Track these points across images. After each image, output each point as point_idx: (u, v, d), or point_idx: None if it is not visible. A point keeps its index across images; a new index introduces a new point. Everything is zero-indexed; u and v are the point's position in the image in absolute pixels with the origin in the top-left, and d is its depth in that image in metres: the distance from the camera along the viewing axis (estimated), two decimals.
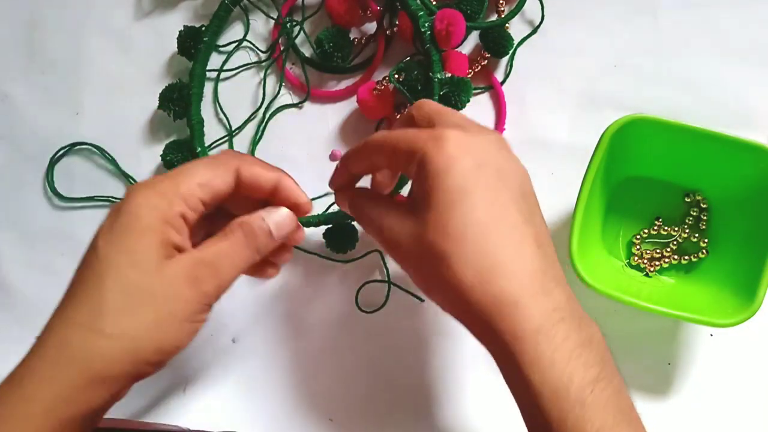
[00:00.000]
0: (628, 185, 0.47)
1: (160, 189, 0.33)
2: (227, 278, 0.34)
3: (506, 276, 0.31)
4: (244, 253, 0.35)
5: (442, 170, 0.32)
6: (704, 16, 0.49)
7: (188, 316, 0.33)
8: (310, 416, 0.48)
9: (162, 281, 0.32)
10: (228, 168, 0.35)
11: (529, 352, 0.30)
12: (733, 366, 0.46)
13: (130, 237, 0.32)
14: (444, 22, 0.45)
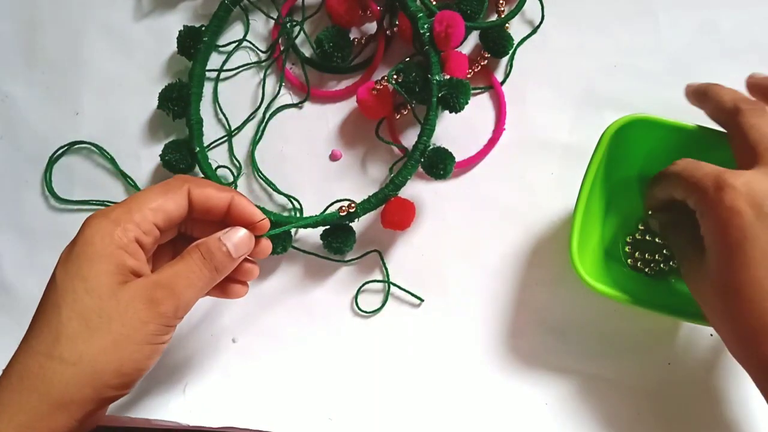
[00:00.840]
0: (628, 185, 0.47)
1: (113, 216, 0.34)
2: (185, 299, 0.35)
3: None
4: (202, 273, 0.36)
5: (720, 224, 0.33)
6: (704, 16, 0.49)
7: (147, 338, 0.34)
8: (309, 415, 0.48)
9: (118, 305, 0.33)
10: (179, 191, 0.37)
11: None
12: (733, 366, 0.46)
13: (85, 264, 0.33)
14: (443, 23, 0.45)
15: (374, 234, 0.49)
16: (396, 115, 0.50)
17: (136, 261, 0.35)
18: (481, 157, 0.49)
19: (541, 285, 0.48)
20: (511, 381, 0.47)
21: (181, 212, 0.37)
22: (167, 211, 0.36)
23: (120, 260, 0.34)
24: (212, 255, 0.36)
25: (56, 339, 0.32)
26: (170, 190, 0.37)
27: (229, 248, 0.37)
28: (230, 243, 0.37)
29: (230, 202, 0.38)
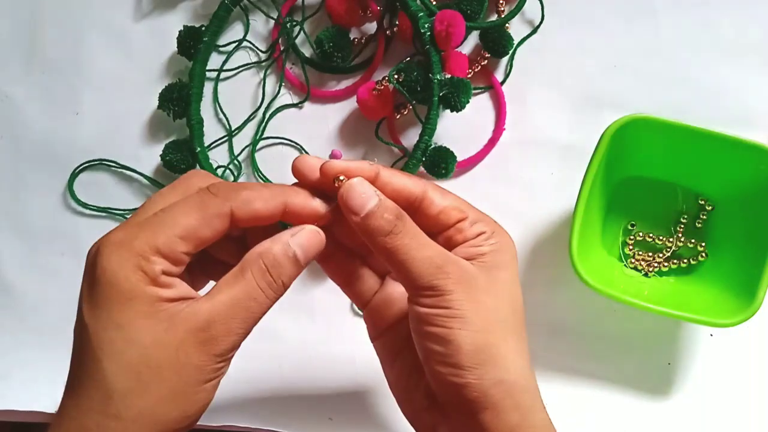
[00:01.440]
0: (628, 185, 0.47)
1: (136, 247, 0.28)
2: (243, 332, 0.30)
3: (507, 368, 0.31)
4: (266, 293, 0.30)
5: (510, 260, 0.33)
6: (704, 16, 0.49)
7: (205, 378, 0.29)
8: (309, 415, 0.48)
9: (167, 353, 0.28)
10: (220, 214, 0.29)
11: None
12: (733, 366, 0.46)
13: (114, 309, 0.28)
14: (444, 23, 0.45)
15: None
16: (396, 115, 0.50)
17: (173, 289, 0.29)
18: (481, 157, 0.49)
19: (541, 285, 0.48)
20: None
21: (217, 237, 0.30)
22: (201, 239, 0.29)
23: (155, 297, 0.28)
24: (279, 266, 0.30)
25: (107, 396, 0.28)
26: (208, 211, 0.29)
27: (298, 254, 0.30)
28: (298, 246, 0.30)
29: (284, 207, 0.31)
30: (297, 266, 0.31)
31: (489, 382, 0.30)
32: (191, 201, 0.30)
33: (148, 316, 0.28)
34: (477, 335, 0.30)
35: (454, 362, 0.30)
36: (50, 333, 0.51)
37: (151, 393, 0.28)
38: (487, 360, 0.30)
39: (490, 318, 0.31)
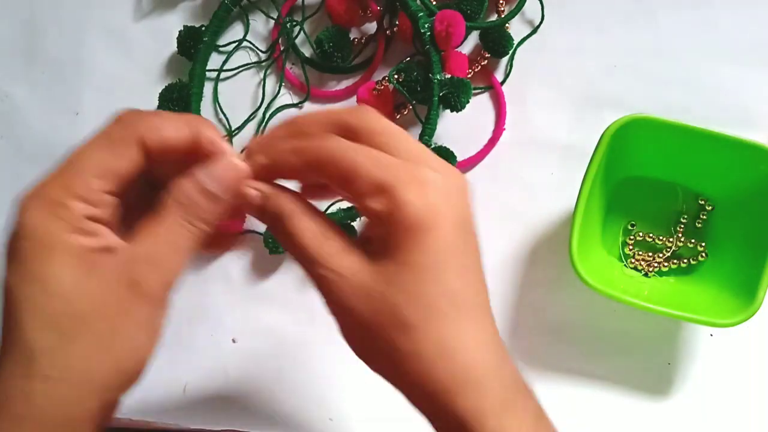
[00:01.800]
0: (628, 185, 0.47)
1: (51, 195, 0.27)
2: (173, 268, 0.28)
3: (470, 351, 0.28)
4: (186, 231, 0.28)
5: (425, 226, 0.27)
6: (704, 16, 0.49)
7: (137, 327, 0.28)
8: (310, 416, 0.48)
9: (92, 302, 0.26)
10: (128, 141, 0.28)
11: (495, 430, 0.27)
12: (733, 366, 0.46)
13: (34, 262, 0.26)
14: (444, 23, 0.45)
15: None
16: (396, 116, 0.50)
17: (98, 238, 0.27)
18: (481, 158, 0.49)
19: (541, 285, 0.48)
20: None
21: (137, 167, 0.28)
22: (118, 173, 0.28)
23: (76, 246, 0.26)
24: (195, 204, 0.28)
25: (30, 357, 0.26)
26: (115, 143, 0.28)
27: (214, 188, 0.28)
28: (214, 181, 0.28)
29: (195, 139, 0.29)
30: (215, 201, 0.28)
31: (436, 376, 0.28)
32: (99, 136, 0.29)
33: (69, 266, 0.26)
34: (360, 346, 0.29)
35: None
36: None
37: (77, 346, 0.26)
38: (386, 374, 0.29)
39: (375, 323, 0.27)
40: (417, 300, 0.27)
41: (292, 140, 0.29)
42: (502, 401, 0.28)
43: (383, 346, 0.28)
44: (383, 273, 0.27)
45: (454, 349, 0.27)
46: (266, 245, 0.48)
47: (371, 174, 0.27)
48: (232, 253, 0.50)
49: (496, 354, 0.29)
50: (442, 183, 0.27)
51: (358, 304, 0.27)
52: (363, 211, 0.28)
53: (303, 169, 0.29)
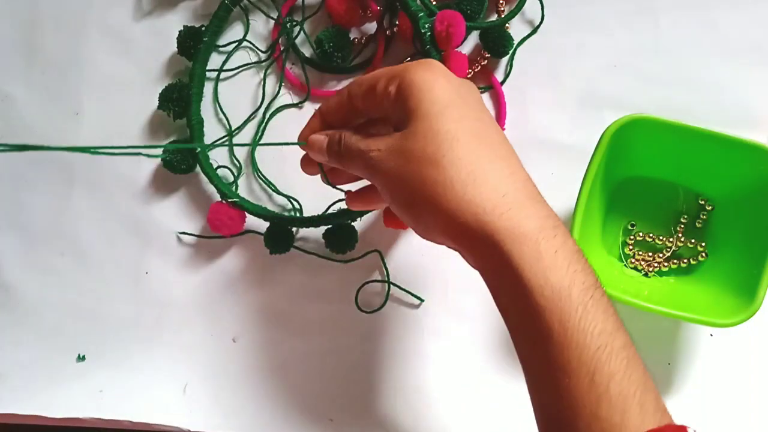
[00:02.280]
0: (628, 185, 0.47)
1: None
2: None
3: (501, 178, 0.31)
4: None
5: (427, 85, 0.32)
6: (704, 16, 0.49)
7: None
8: (310, 416, 0.48)
9: None
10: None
11: (530, 253, 0.29)
12: (733, 366, 0.46)
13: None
14: (444, 23, 0.45)
15: (375, 234, 0.49)
16: None
17: None
18: None
19: None
20: (510, 381, 0.47)
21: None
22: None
23: None
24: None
25: None
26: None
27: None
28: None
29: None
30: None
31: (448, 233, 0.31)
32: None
33: None
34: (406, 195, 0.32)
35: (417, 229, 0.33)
36: (49, 333, 0.51)
37: None
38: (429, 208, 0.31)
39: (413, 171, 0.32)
40: (437, 136, 0.31)
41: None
42: (540, 227, 0.30)
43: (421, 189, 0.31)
44: (406, 133, 0.32)
45: (484, 175, 0.31)
46: (266, 245, 0.48)
47: (385, 74, 0.34)
48: (233, 252, 0.50)
49: (525, 188, 0.31)
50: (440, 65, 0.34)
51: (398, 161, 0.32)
52: (384, 102, 0.34)
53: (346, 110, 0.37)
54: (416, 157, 0.31)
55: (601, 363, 0.28)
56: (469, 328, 0.48)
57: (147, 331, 0.50)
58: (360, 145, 0.34)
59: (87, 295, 0.51)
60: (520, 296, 0.29)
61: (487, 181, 0.31)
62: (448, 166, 0.31)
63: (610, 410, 0.28)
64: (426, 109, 0.32)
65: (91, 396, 0.49)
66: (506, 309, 0.31)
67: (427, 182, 0.31)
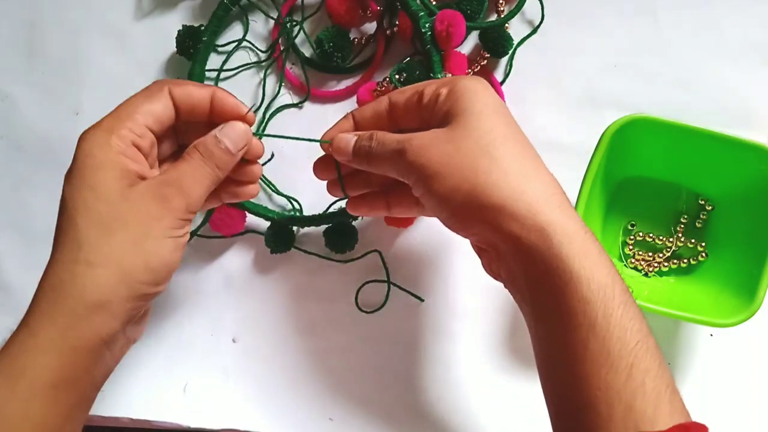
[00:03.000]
0: (628, 185, 0.47)
1: (105, 125, 0.35)
2: (193, 195, 0.36)
3: (548, 180, 0.34)
4: (204, 170, 0.36)
5: (479, 91, 0.35)
6: (704, 16, 0.49)
7: (164, 233, 0.35)
8: (310, 416, 0.48)
9: (129, 206, 0.34)
10: (161, 93, 0.37)
11: (580, 248, 0.31)
12: (733, 366, 0.46)
13: (89, 175, 0.34)
14: (444, 23, 0.45)
15: (375, 233, 0.49)
16: None
17: (139, 164, 0.35)
18: None
19: None
20: (511, 381, 0.47)
21: (169, 113, 0.37)
22: (156, 113, 0.36)
23: (122, 165, 0.34)
24: (211, 153, 0.36)
25: (78, 246, 0.33)
26: (153, 93, 0.37)
27: (227, 144, 0.37)
28: (227, 138, 0.37)
29: (212, 97, 0.38)
30: (228, 155, 0.37)
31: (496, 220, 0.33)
32: (140, 92, 0.38)
33: (117, 180, 0.34)
34: (454, 182, 0.33)
35: (455, 217, 0.35)
36: None
37: (117, 241, 0.33)
38: (479, 195, 0.33)
39: (464, 159, 0.34)
40: (492, 132, 0.34)
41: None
42: (583, 227, 0.32)
43: (471, 176, 0.33)
44: (457, 125, 0.34)
45: (534, 172, 0.34)
46: (267, 245, 0.48)
47: (433, 81, 0.37)
48: (233, 252, 0.50)
49: (563, 192, 0.34)
50: (482, 78, 0.37)
51: (445, 150, 0.34)
52: (430, 105, 0.36)
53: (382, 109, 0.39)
54: (469, 147, 0.34)
55: (638, 359, 0.30)
56: (469, 327, 0.48)
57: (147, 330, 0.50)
58: (399, 137, 0.36)
59: None
60: (566, 287, 0.31)
61: (537, 177, 0.33)
62: (502, 159, 0.33)
63: (645, 403, 0.30)
64: (479, 108, 0.34)
65: None
66: (543, 300, 0.33)
67: (480, 171, 0.33)
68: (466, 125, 0.34)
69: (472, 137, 0.34)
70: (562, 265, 0.31)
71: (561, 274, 0.31)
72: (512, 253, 0.33)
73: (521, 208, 0.32)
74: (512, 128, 0.35)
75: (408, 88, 0.38)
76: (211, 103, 0.38)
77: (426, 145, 0.35)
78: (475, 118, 0.34)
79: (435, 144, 0.34)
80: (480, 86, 0.36)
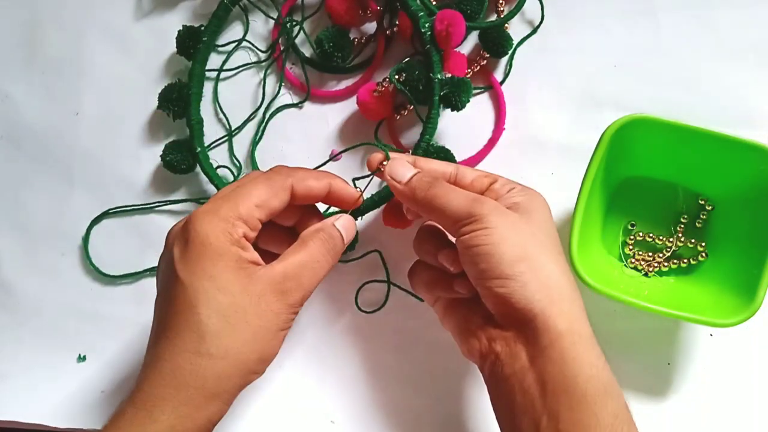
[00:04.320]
0: (628, 185, 0.47)
1: (222, 214, 0.35)
2: (310, 287, 0.37)
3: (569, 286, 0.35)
4: (325, 260, 0.37)
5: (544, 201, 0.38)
6: (704, 16, 0.49)
7: (280, 326, 0.36)
8: (311, 418, 0.48)
9: (251, 300, 0.35)
10: (284, 187, 0.37)
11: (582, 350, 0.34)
12: (733, 366, 0.46)
13: (207, 263, 0.34)
14: (444, 22, 0.45)
15: (375, 234, 0.49)
16: (396, 117, 0.50)
17: (250, 252, 0.36)
18: (481, 158, 0.49)
19: None
20: None
21: (282, 207, 0.38)
22: (271, 208, 0.37)
23: (237, 256, 0.35)
24: (333, 242, 0.38)
25: (201, 337, 0.34)
26: (275, 184, 0.37)
27: (342, 233, 0.38)
28: (344, 230, 0.38)
29: (329, 187, 0.39)
30: (342, 243, 0.38)
31: (533, 289, 0.34)
32: (261, 177, 0.38)
33: (235, 270, 0.35)
34: (515, 248, 0.35)
35: (499, 273, 0.34)
36: (50, 333, 0.51)
37: (238, 334, 0.34)
38: (527, 269, 0.34)
39: (526, 237, 0.35)
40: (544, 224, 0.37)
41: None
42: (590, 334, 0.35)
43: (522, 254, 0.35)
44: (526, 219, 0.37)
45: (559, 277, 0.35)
46: None
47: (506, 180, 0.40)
48: None
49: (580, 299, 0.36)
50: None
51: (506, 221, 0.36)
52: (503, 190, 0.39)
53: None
54: (528, 229, 0.36)
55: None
56: None
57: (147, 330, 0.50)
58: (467, 194, 0.37)
59: (87, 295, 0.51)
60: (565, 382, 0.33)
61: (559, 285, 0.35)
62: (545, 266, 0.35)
63: None
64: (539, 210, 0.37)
65: (92, 396, 0.49)
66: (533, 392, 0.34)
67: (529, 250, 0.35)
68: (530, 218, 0.36)
69: (533, 225, 0.36)
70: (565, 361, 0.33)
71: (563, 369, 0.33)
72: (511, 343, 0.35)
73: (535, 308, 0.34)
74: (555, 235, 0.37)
75: (479, 173, 0.40)
76: (328, 192, 0.39)
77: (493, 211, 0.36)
78: (534, 214, 0.37)
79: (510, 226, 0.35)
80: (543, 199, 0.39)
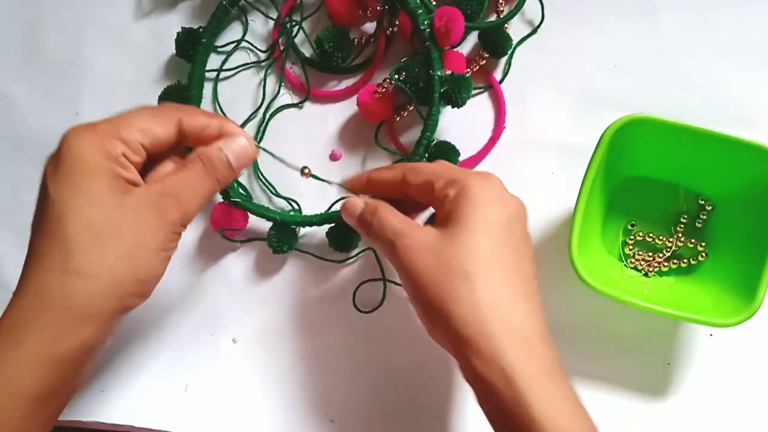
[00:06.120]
0: (628, 185, 0.47)
1: (99, 130, 0.33)
2: (190, 207, 0.35)
3: (523, 317, 0.33)
4: (205, 183, 0.36)
5: (484, 203, 0.35)
6: (704, 16, 0.49)
7: (159, 245, 0.34)
8: (311, 417, 0.48)
9: (125, 215, 0.32)
10: (170, 118, 0.35)
11: (541, 393, 0.31)
12: (733, 366, 0.46)
13: (78, 178, 0.32)
14: (443, 19, 0.45)
15: None
16: (396, 118, 0.50)
17: (130, 173, 0.34)
18: (480, 158, 0.49)
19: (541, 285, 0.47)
20: None
21: (169, 138, 0.35)
22: (155, 135, 0.35)
23: (114, 171, 0.33)
24: (214, 165, 0.36)
25: (69, 254, 0.31)
26: (160, 115, 0.35)
27: (230, 158, 0.36)
28: (231, 153, 0.36)
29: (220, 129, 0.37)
30: (229, 169, 0.37)
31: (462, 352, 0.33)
32: (149, 107, 0.36)
33: (110, 186, 0.32)
34: (429, 299, 0.34)
35: (428, 327, 0.36)
36: None
37: (111, 250, 0.32)
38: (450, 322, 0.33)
39: (444, 277, 0.33)
40: (476, 255, 0.33)
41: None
42: (548, 371, 0.32)
43: (445, 297, 0.33)
44: (449, 235, 0.34)
45: (509, 309, 0.33)
46: (270, 245, 0.48)
47: (446, 174, 0.37)
48: (233, 254, 0.50)
49: (542, 330, 0.34)
50: (503, 186, 0.37)
51: (430, 261, 0.34)
52: (438, 199, 0.36)
53: (395, 186, 0.39)
54: (451, 266, 0.33)
55: None
56: None
57: (147, 331, 0.50)
58: (395, 226, 0.36)
59: None
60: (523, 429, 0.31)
61: (511, 315, 0.33)
62: (479, 288, 0.33)
63: None
64: (476, 225, 0.34)
65: (92, 396, 0.49)
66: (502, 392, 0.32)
67: (454, 297, 0.33)
68: (458, 241, 0.34)
69: (457, 256, 0.33)
70: (521, 411, 0.31)
71: (522, 419, 0.31)
72: (476, 389, 0.33)
73: (485, 348, 0.32)
74: (504, 252, 0.34)
75: (423, 170, 0.38)
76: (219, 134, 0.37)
77: (415, 250, 0.35)
78: (468, 234, 0.34)
79: (423, 251, 0.34)
80: (487, 197, 0.35)
